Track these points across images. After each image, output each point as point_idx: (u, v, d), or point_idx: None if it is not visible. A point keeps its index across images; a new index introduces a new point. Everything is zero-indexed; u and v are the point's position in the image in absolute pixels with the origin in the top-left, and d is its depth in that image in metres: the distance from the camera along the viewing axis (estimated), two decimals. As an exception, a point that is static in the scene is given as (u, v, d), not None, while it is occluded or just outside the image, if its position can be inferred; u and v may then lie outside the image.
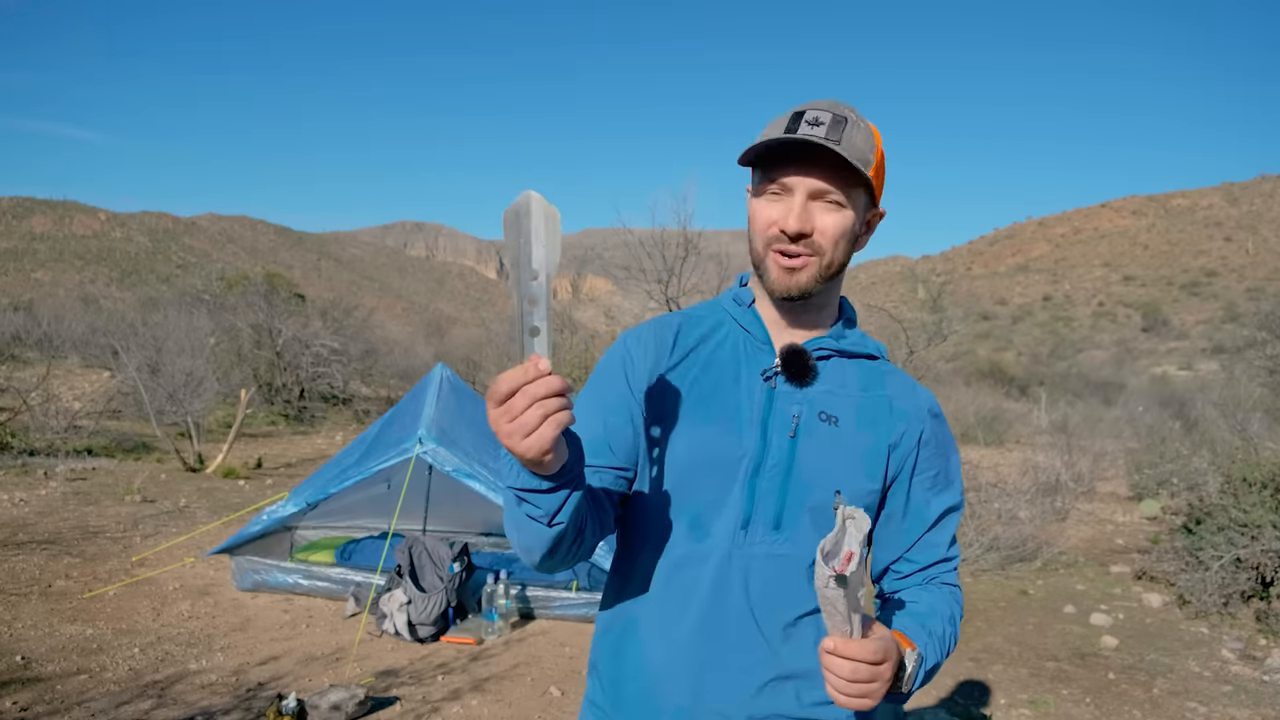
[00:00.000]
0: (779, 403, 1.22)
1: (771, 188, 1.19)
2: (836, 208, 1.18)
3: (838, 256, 1.21)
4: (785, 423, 1.21)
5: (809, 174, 1.16)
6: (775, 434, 1.20)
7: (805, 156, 1.16)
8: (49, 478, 8.68)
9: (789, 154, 1.17)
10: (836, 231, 1.18)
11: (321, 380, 17.67)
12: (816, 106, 1.18)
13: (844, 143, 1.14)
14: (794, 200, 1.17)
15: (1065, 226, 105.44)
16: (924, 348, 8.86)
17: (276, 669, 4.18)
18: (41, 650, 4.19)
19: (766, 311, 1.28)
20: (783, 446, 1.20)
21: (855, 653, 1.01)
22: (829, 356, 1.27)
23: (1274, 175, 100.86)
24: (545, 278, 0.97)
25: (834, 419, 1.23)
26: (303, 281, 65.53)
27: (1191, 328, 64.09)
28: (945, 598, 1.28)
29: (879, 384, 1.29)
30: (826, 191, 1.17)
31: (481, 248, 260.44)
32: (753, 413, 1.22)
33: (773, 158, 1.19)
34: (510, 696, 4.04)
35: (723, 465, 1.20)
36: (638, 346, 1.28)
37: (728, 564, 1.19)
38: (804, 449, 1.20)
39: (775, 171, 1.19)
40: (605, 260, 24.88)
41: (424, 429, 4.91)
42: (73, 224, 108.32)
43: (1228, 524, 6.08)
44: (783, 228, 1.18)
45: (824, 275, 1.21)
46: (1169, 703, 4.44)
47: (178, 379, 11.61)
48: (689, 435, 1.21)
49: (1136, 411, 18.09)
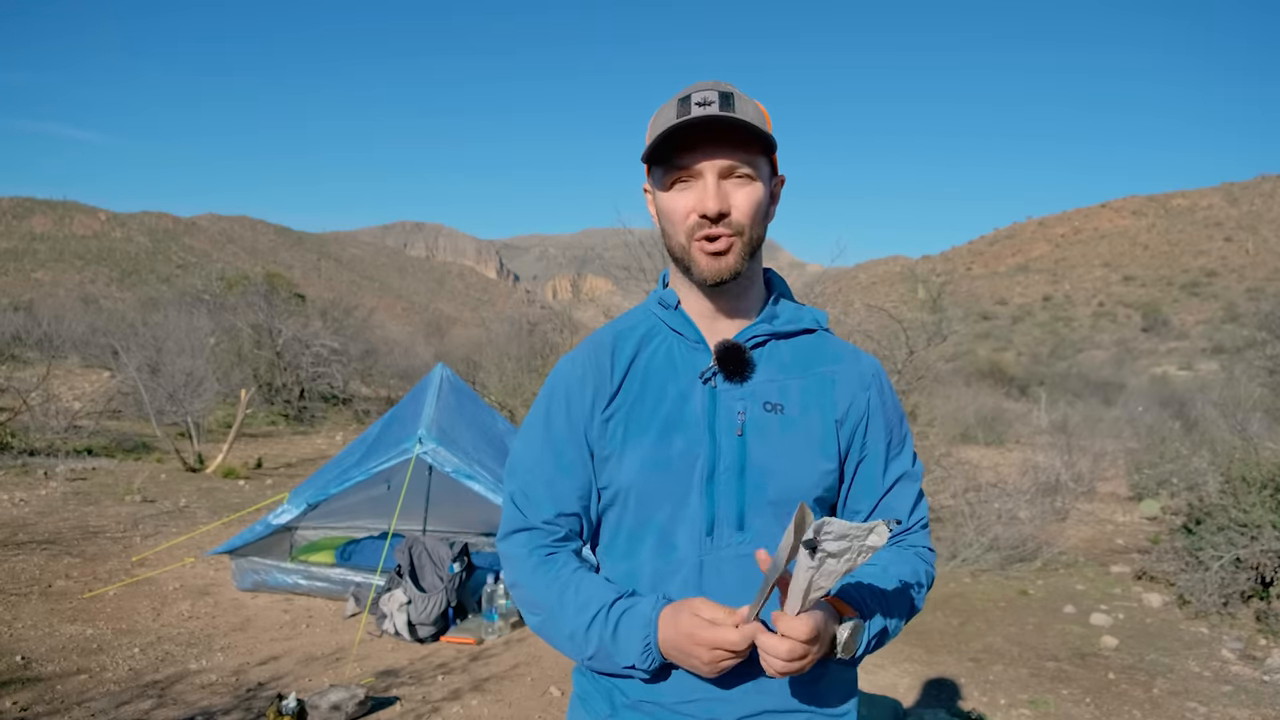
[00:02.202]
0: (722, 402, 1.21)
1: (679, 176, 1.18)
2: (747, 181, 1.18)
3: (757, 231, 1.21)
4: (731, 422, 1.20)
5: (714, 154, 1.15)
6: (723, 435, 1.20)
7: (706, 137, 1.15)
8: (49, 478, 8.68)
9: (689, 139, 1.16)
10: (751, 205, 1.18)
11: (321, 380, 17.66)
12: (700, 88, 1.17)
13: (738, 113, 1.14)
14: (707, 182, 1.16)
15: (1065, 226, 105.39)
16: (924, 348, 8.86)
17: (276, 669, 4.18)
18: (41, 650, 4.19)
19: (694, 306, 1.27)
20: (732, 447, 1.19)
21: (789, 629, 1.03)
22: (764, 342, 1.26)
23: (1274, 175, 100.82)
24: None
25: (779, 407, 1.22)
26: (303, 281, 65.51)
27: (1191, 328, 64.05)
28: (907, 560, 1.26)
29: (819, 359, 1.27)
30: (735, 167, 1.17)
31: (481, 248, 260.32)
32: (698, 417, 1.21)
33: (672, 146, 1.17)
34: (510, 696, 4.04)
35: (677, 475, 1.20)
36: (577, 381, 1.27)
37: (699, 573, 1.19)
38: (754, 445, 1.20)
39: (679, 159, 1.17)
40: (605, 260, 25.05)
41: (424, 429, 4.91)
42: (73, 224, 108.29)
43: (1228, 524, 6.08)
44: (703, 212, 1.16)
45: (748, 253, 1.20)
46: (1169, 703, 4.43)
47: (178, 379, 11.61)
48: (640, 453, 1.21)
49: (1136, 411, 18.08)
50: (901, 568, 1.24)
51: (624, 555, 1.25)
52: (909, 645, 5.19)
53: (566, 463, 1.25)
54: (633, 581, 1.23)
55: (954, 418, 17.79)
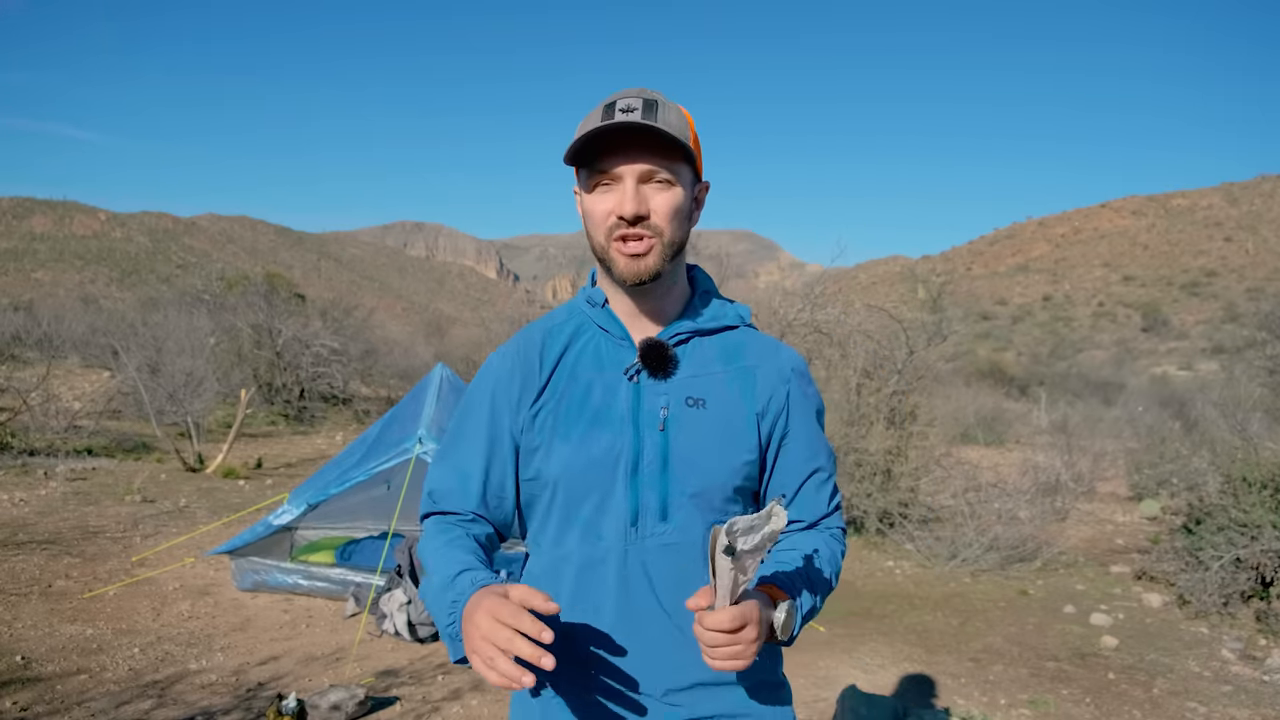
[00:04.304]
0: (646, 397, 1.26)
1: (601, 180, 1.23)
2: (667, 185, 1.23)
3: (677, 234, 1.25)
4: (655, 417, 1.25)
5: (634, 159, 1.20)
6: (647, 429, 1.24)
7: (627, 142, 1.20)
8: (49, 478, 8.68)
9: (612, 143, 1.21)
10: (670, 209, 1.23)
11: (321, 380, 17.65)
12: (625, 95, 1.22)
13: (659, 122, 1.18)
14: (626, 185, 1.21)
15: (1065, 226, 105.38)
16: (924, 348, 8.85)
17: (276, 669, 4.18)
18: (41, 650, 4.19)
19: (620, 305, 1.32)
20: (655, 440, 1.24)
21: (712, 622, 1.07)
22: (688, 339, 1.31)
23: (1274, 175, 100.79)
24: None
25: (701, 402, 1.26)
26: (303, 281, 65.54)
27: (1191, 328, 64.04)
28: (824, 541, 1.32)
29: (740, 354, 1.32)
30: (654, 172, 1.21)
31: (481, 248, 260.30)
32: (623, 412, 1.25)
33: (596, 151, 1.22)
34: (510, 696, 4.04)
35: (602, 468, 1.24)
36: (505, 375, 1.33)
37: (624, 562, 1.24)
38: (676, 439, 1.24)
39: (601, 163, 1.22)
40: (605, 260, 24.96)
41: (424, 429, 4.91)
42: (73, 224, 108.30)
43: (1228, 524, 6.08)
44: (620, 214, 1.21)
45: (668, 254, 1.24)
46: (1169, 703, 4.43)
47: (178, 379, 11.60)
48: (566, 445, 1.26)
49: (1136, 411, 18.08)
50: (820, 549, 1.30)
51: (553, 544, 1.29)
52: (909, 645, 5.19)
53: (484, 455, 1.31)
54: (562, 569, 1.27)
55: (954, 418, 17.78)
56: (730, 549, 1.04)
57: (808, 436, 1.33)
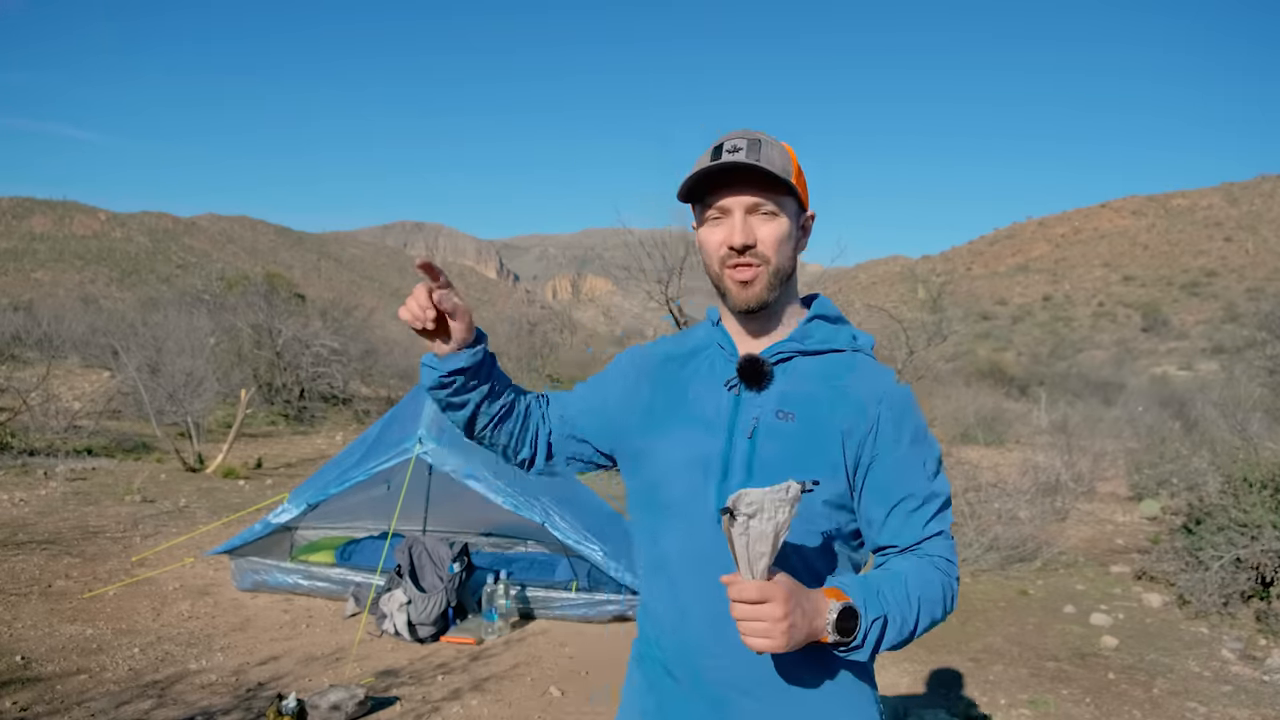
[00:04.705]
0: (743, 408, 1.38)
1: (711, 214, 1.37)
2: (772, 217, 1.35)
3: (783, 262, 1.37)
4: (747, 425, 1.36)
5: (741, 193, 1.34)
6: (738, 436, 1.36)
7: (734, 180, 1.34)
8: (49, 478, 8.68)
9: (720, 181, 1.35)
10: (775, 238, 1.35)
11: (321, 380, 17.65)
12: (732, 136, 1.35)
13: (763, 159, 1.32)
14: (734, 218, 1.35)
15: (1065, 226, 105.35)
16: (924, 348, 8.86)
17: (276, 669, 4.18)
18: (41, 650, 4.19)
19: (732, 325, 1.46)
20: (743, 447, 1.35)
21: (734, 591, 1.17)
22: (790, 357, 1.41)
23: (1274, 175, 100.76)
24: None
25: (790, 415, 1.36)
26: (303, 281, 65.50)
27: (1191, 328, 64.01)
28: (917, 566, 1.32)
29: (840, 376, 1.40)
30: (760, 204, 1.34)
31: (481, 248, 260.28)
32: (721, 419, 1.38)
33: (706, 188, 1.36)
34: (510, 696, 4.04)
35: (697, 466, 1.37)
36: (629, 361, 1.55)
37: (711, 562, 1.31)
38: (762, 447, 1.34)
39: (711, 199, 1.36)
40: (605, 260, 24.98)
41: (424, 429, 4.91)
42: (73, 224, 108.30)
43: (1228, 524, 6.08)
44: (730, 244, 1.34)
45: (776, 282, 1.37)
46: (1169, 703, 4.44)
47: (178, 379, 11.60)
48: (666, 443, 1.41)
49: (1136, 411, 18.08)
50: (909, 573, 1.30)
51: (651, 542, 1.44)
52: (909, 645, 5.20)
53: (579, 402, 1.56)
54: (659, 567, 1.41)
55: (954, 418, 17.79)
56: (729, 510, 1.14)
57: (896, 463, 1.35)
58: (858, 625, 1.20)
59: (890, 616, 1.24)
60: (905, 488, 1.35)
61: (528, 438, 1.54)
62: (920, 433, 1.39)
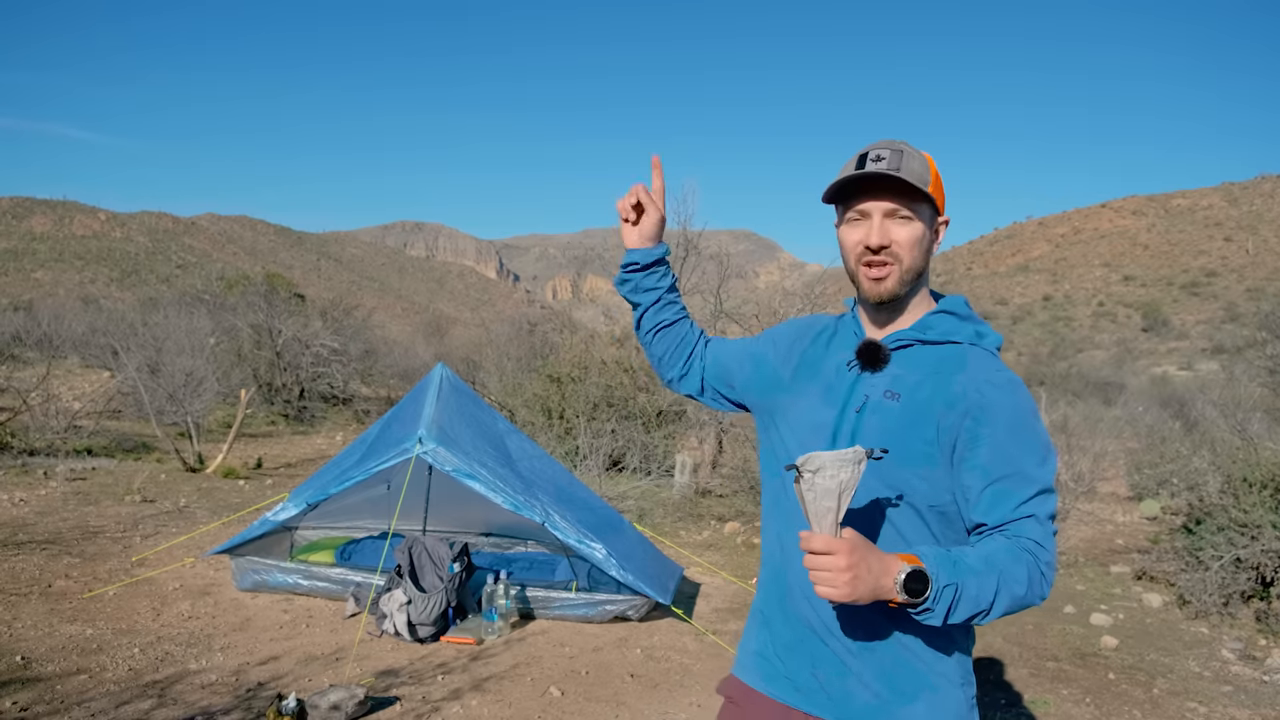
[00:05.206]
0: (859, 385, 1.53)
1: (852, 215, 1.51)
2: (907, 221, 1.48)
3: (915, 261, 1.50)
4: (858, 400, 1.52)
5: (881, 198, 1.48)
6: (848, 410, 1.52)
7: (875, 186, 1.47)
8: (49, 478, 8.68)
9: (862, 187, 1.49)
10: (909, 240, 1.48)
11: (321, 380, 17.66)
12: (876, 146, 1.49)
13: (903, 169, 1.45)
14: (873, 221, 1.48)
15: (1065, 226, 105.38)
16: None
17: (276, 669, 4.18)
18: (41, 650, 4.19)
19: (865, 313, 1.61)
20: (850, 419, 1.51)
21: (805, 543, 1.29)
22: (909, 345, 1.53)
23: (1274, 175, 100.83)
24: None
25: (897, 395, 1.49)
26: (303, 281, 65.54)
27: (1191, 328, 64.01)
28: (1004, 545, 1.37)
29: (951, 365, 1.50)
30: (896, 210, 1.47)
31: (481, 248, 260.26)
32: (838, 393, 1.55)
33: (850, 192, 1.51)
34: (510, 696, 4.04)
35: (814, 430, 1.55)
36: (785, 328, 1.76)
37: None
38: (868, 422, 1.49)
39: (853, 202, 1.51)
40: (605, 260, 25.15)
41: (424, 429, 4.91)
42: (73, 224, 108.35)
43: (1228, 524, 6.08)
44: (866, 244, 1.49)
45: (906, 279, 1.50)
46: (1169, 703, 4.44)
47: (178, 379, 11.60)
48: (799, 404, 1.60)
49: (1136, 411, 18.05)
50: (995, 551, 1.36)
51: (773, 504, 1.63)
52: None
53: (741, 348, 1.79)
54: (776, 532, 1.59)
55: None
56: (794, 468, 1.30)
57: (994, 445, 1.42)
58: (928, 589, 1.26)
59: (964, 585, 1.28)
60: (1003, 468, 1.41)
61: (679, 360, 1.82)
62: (1023, 420, 1.45)
